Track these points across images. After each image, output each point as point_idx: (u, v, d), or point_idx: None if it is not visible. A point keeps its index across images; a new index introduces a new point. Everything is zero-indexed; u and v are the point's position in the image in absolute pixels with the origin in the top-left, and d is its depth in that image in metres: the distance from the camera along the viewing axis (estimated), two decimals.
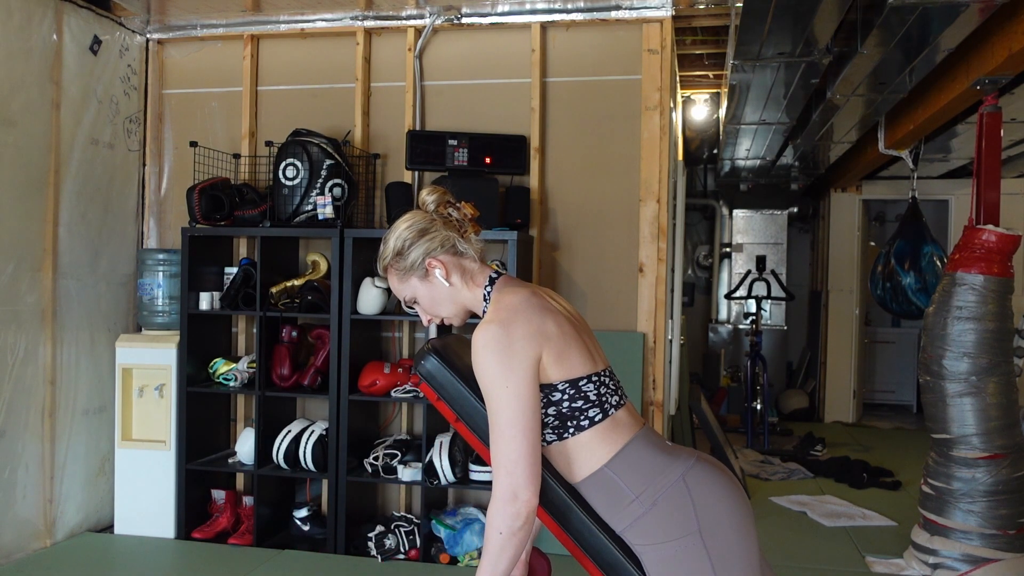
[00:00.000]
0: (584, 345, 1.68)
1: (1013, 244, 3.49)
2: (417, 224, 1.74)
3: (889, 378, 8.40)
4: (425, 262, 1.72)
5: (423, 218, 1.75)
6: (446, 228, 1.74)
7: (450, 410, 1.74)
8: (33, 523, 3.74)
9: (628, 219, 4.01)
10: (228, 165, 4.28)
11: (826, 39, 3.34)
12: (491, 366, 1.57)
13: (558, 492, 1.66)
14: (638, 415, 1.74)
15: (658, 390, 3.97)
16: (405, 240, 1.73)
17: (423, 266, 1.73)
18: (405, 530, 3.79)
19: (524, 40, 4.09)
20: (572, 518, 1.66)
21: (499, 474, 1.55)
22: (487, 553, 1.56)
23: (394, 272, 1.76)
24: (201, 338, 4.06)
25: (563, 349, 1.62)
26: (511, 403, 1.56)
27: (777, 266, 7.62)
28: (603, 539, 1.64)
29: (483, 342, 1.58)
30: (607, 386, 1.68)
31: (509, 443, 1.55)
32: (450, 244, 1.74)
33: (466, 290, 1.75)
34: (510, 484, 1.54)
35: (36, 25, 3.70)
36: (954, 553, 3.52)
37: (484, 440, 1.70)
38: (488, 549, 1.56)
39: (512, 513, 1.53)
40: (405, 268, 1.74)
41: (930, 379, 3.62)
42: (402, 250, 1.73)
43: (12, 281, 3.61)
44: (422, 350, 1.76)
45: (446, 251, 1.73)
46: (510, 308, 1.63)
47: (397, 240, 1.74)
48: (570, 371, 1.62)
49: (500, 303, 1.67)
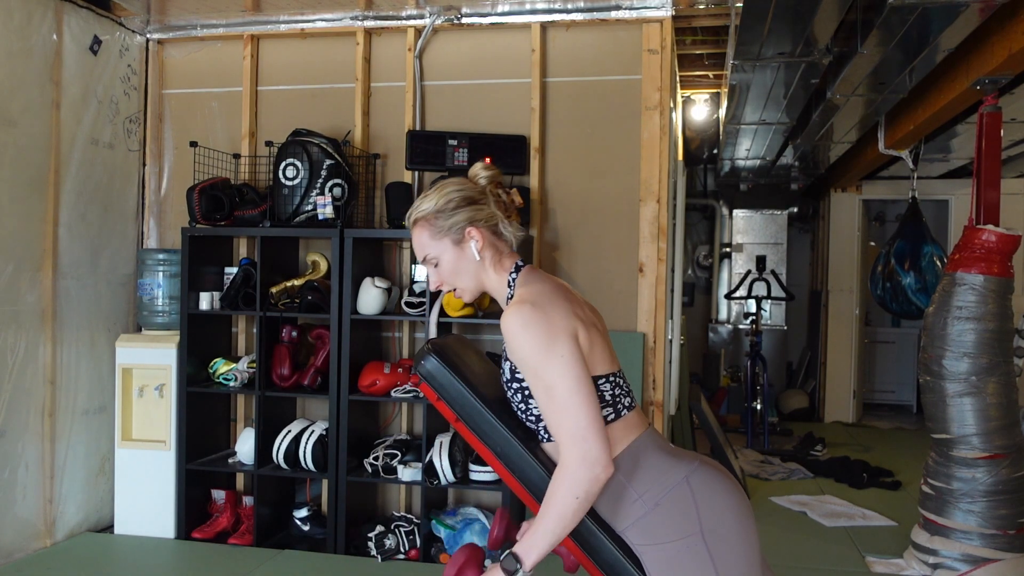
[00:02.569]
0: (605, 344, 1.69)
1: (1013, 244, 3.49)
2: (468, 191, 1.72)
3: (889, 378, 8.40)
4: (466, 229, 1.71)
5: (474, 188, 1.74)
6: (495, 206, 1.74)
7: (450, 410, 1.74)
8: (33, 523, 3.74)
9: (628, 219, 4.01)
10: (228, 165, 4.28)
11: (826, 39, 3.34)
12: (535, 342, 1.56)
13: None
14: (645, 417, 1.74)
15: (658, 390, 3.97)
16: (452, 200, 1.70)
17: (461, 232, 1.71)
18: (405, 530, 3.79)
19: (524, 40, 4.09)
20: None
21: (569, 444, 1.53)
22: (559, 517, 1.53)
23: (426, 228, 1.72)
24: (201, 338, 4.06)
25: (589, 344, 1.62)
26: (566, 372, 1.54)
27: (777, 266, 7.62)
28: (602, 538, 1.64)
29: (521, 321, 1.57)
30: (621, 387, 1.68)
31: (576, 412, 1.53)
32: (494, 222, 1.73)
33: (492, 271, 1.74)
34: (585, 451, 1.51)
35: (36, 25, 3.70)
36: (954, 553, 3.52)
37: (484, 440, 1.70)
38: (562, 513, 1.52)
39: (591, 478, 1.51)
40: (442, 228, 1.71)
41: (930, 379, 3.62)
42: (445, 209, 1.70)
43: (12, 281, 3.61)
44: (422, 350, 1.76)
45: (488, 226, 1.73)
46: (541, 293, 1.63)
47: (443, 198, 1.71)
48: (592, 368, 1.62)
49: (528, 288, 1.66)
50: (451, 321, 3.74)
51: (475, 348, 2.02)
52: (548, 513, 1.54)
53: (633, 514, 1.61)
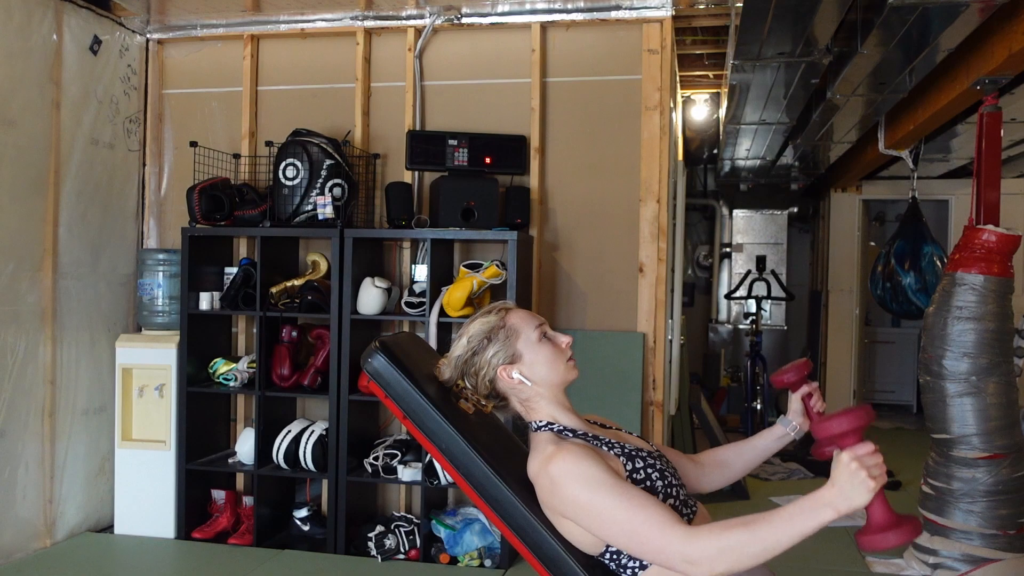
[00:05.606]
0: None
1: (1013, 244, 3.49)
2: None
3: (889, 378, 8.39)
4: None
5: None
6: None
7: (397, 408, 1.74)
8: (33, 523, 3.74)
9: (628, 219, 4.01)
10: (228, 165, 4.28)
11: (826, 39, 3.33)
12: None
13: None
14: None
15: (658, 390, 3.97)
16: None
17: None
18: (405, 530, 3.79)
19: (524, 40, 4.09)
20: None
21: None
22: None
23: None
24: (201, 338, 4.06)
25: None
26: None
27: (777, 266, 7.61)
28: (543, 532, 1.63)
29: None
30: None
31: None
32: None
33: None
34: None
35: (36, 25, 3.70)
36: (954, 553, 3.52)
37: (431, 438, 1.71)
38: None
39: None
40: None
41: (930, 379, 3.62)
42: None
43: (12, 281, 3.61)
44: (370, 347, 1.76)
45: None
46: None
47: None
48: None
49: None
50: (451, 321, 3.74)
51: (426, 346, 2.02)
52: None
53: None
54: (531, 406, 1.70)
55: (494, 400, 1.72)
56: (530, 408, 1.70)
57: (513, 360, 1.67)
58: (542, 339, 1.70)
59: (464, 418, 1.73)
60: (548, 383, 1.69)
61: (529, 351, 1.68)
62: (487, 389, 1.70)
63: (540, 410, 1.69)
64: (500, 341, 1.68)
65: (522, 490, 1.66)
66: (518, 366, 1.68)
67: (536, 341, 1.69)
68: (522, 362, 1.68)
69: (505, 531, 1.68)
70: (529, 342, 1.68)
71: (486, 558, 3.70)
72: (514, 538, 1.66)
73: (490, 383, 1.69)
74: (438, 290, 3.80)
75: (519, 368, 1.67)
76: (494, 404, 1.73)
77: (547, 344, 1.70)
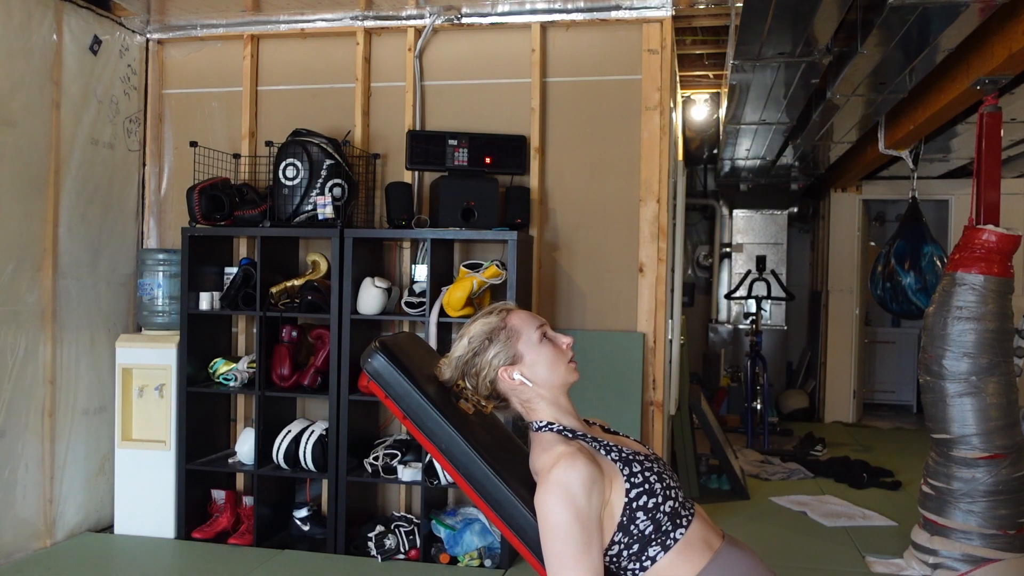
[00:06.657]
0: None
1: (1013, 244, 3.49)
2: None
3: (889, 378, 8.40)
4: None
5: None
6: None
7: (397, 408, 1.74)
8: (33, 523, 3.74)
9: (628, 219, 4.01)
10: (228, 165, 4.28)
11: (826, 39, 3.34)
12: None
13: None
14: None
15: (658, 390, 3.97)
16: None
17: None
18: (405, 530, 3.79)
19: (524, 40, 4.09)
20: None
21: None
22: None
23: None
24: (201, 338, 4.06)
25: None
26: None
27: (777, 266, 7.62)
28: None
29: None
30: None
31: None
32: None
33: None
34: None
35: (36, 25, 3.70)
36: (954, 553, 3.52)
37: (431, 438, 1.71)
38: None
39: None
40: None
41: (930, 379, 3.62)
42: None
43: (12, 281, 3.61)
44: (370, 347, 1.76)
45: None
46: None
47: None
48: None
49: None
50: (451, 321, 3.74)
51: (426, 346, 2.02)
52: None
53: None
54: (532, 407, 1.70)
55: (494, 401, 1.72)
56: (531, 409, 1.70)
57: (514, 361, 1.67)
58: (543, 340, 1.70)
59: (464, 418, 1.73)
60: (549, 384, 1.69)
61: (530, 352, 1.68)
62: (488, 390, 1.70)
63: (541, 411, 1.69)
64: (501, 342, 1.68)
65: (522, 490, 1.66)
66: (519, 367, 1.67)
67: (537, 342, 1.69)
68: (523, 363, 1.67)
69: (505, 531, 1.68)
70: (530, 343, 1.68)
71: (486, 558, 3.70)
72: (514, 538, 1.66)
73: (491, 384, 1.69)
74: (438, 290, 3.80)
75: (520, 369, 1.67)
76: (494, 405, 1.73)
77: (548, 345, 1.70)
